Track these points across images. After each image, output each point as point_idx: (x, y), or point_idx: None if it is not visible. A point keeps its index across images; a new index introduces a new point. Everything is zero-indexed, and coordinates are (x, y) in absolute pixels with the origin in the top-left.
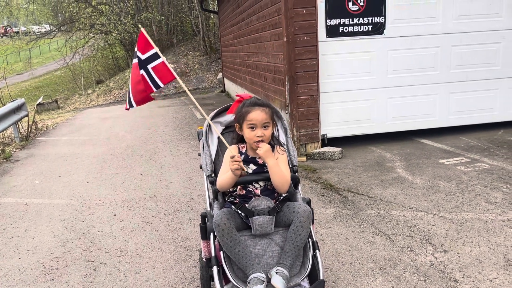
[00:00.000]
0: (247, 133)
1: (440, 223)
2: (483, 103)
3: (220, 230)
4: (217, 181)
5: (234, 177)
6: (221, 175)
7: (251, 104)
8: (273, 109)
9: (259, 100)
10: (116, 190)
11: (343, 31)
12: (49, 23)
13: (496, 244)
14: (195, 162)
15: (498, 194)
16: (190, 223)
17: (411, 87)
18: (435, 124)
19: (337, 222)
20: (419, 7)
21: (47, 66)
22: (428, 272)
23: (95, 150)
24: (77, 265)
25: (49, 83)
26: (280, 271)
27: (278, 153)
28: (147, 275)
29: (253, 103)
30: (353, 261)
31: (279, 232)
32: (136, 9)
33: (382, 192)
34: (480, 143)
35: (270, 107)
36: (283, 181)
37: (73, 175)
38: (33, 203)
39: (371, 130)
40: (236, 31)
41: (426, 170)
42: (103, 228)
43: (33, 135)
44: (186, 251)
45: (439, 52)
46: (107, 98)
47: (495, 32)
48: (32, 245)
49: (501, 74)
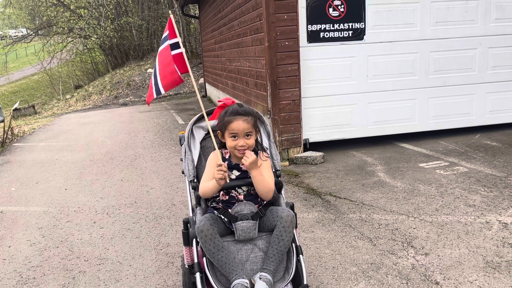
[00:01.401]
0: (229, 142)
1: (420, 226)
2: (461, 107)
3: (203, 236)
4: (200, 188)
5: (217, 185)
6: (204, 182)
7: (233, 113)
8: (255, 116)
9: (241, 108)
10: (96, 197)
11: (324, 37)
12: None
13: (476, 246)
14: (176, 167)
15: (476, 197)
16: (172, 229)
17: (391, 92)
18: (415, 128)
19: (319, 227)
20: (397, 13)
21: (23, 71)
22: (410, 275)
23: (74, 156)
24: (55, 274)
25: (26, 88)
26: (263, 277)
27: (261, 159)
28: (128, 283)
29: (235, 111)
30: (336, 265)
31: (263, 237)
32: (116, 13)
33: (364, 196)
34: (458, 147)
35: (253, 114)
36: (267, 190)
37: (50, 182)
38: (9, 211)
39: (352, 135)
40: (218, 36)
41: (406, 174)
42: (82, 236)
43: (9, 141)
44: (168, 258)
45: (418, 58)
46: (86, 103)
47: (472, 38)
48: (8, 254)
49: (477, 80)
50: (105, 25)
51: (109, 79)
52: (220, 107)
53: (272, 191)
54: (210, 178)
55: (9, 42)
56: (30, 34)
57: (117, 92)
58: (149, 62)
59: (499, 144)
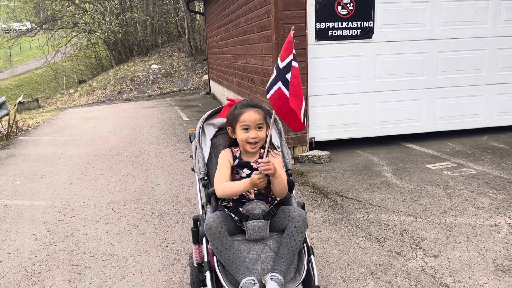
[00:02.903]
0: (240, 135)
1: (429, 228)
2: (468, 108)
3: (211, 234)
4: (220, 189)
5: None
6: (224, 182)
7: (244, 106)
8: (265, 110)
9: (251, 101)
10: (101, 192)
11: (332, 35)
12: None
13: (485, 249)
14: (181, 164)
15: (485, 199)
16: (178, 226)
17: (398, 92)
18: (421, 129)
19: (326, 226)
20: (407, 12)
21: (27, 64)
22: (419, 277)
23: (78, 151)
24: (61, 269)
25: (30, 82)
26: (274, 277)
27: (273, 157)
28: (134, 279)
29: (245, 104)
30: (344, 265)
31: (274, 237)
32: (121, 8)
33: (371, 196)
34: (465, 148)
35: (263, 108)
36: (284, 190)
37: (55, 176)
38: (14, 204)
39: (358, 134)
40: (223, 32)
41: (413, 175)
42: (87, 231)
43: (13, 134)
44: (174, 255)
45: (426, 58)
46: (90, 98)
47: (481, 39)
48: (14, 248)
49: (486, 81)
50: (110, 20)
51: (113, 74)
52: (229, 105)
53: (287, 189)
54: (226, 178)
55: (14, 35)
56: (34, 28)
57: (120, 87)
58: (153, 58)
59: (506, 146)
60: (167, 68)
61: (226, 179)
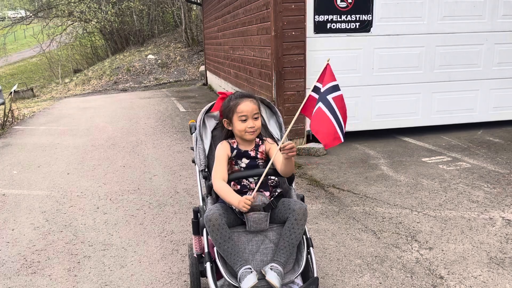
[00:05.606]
0: (238, 126)
1: (424, 221)
2: (464, 103)
3: (211, 225)
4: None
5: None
6: (217, 175)
7: (239, 97)
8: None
9: (244, 92)
10: (99, 182)
11: (330, 28)
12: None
13: (479, 242)
14: (179, 155)
15: (479, 193)
16: (176, 217)
17: (396, 86)
18: (418, 122)
19: (323, 218)
20: (405, 6)
21: (22, 53)
22: (414, 269)
23: (75, 140)
24: (59, 258)
25: (24, 71)
26: (274, 267)
27: (269, 143)
28: (133, 269)
29: (240, 95)
30: (341, 257)
31: (274, 229)
32: None
33: (367, 189)
34: (461, 143)
35: (256, 98)
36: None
37: (52, 166)
38: (11, 194)
39: (355, 127)
40: (221, 23)
41: (409, 168)
42: (86, 221)
43: (9, 123)
44: (173, 245)
45: (424, 52)
46: (85, 88)
47: (478, 33)
48: (12, 237)
49: (482, 75)
50: (106, 9)
51: (108, 64)
52: (221, 98)
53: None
54: (223, 172)
55: (8, 23)
56: (29, 16)
57: (116, 77)
58: (149, 48)
59: (501, 140)
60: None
61: (223, 173)
